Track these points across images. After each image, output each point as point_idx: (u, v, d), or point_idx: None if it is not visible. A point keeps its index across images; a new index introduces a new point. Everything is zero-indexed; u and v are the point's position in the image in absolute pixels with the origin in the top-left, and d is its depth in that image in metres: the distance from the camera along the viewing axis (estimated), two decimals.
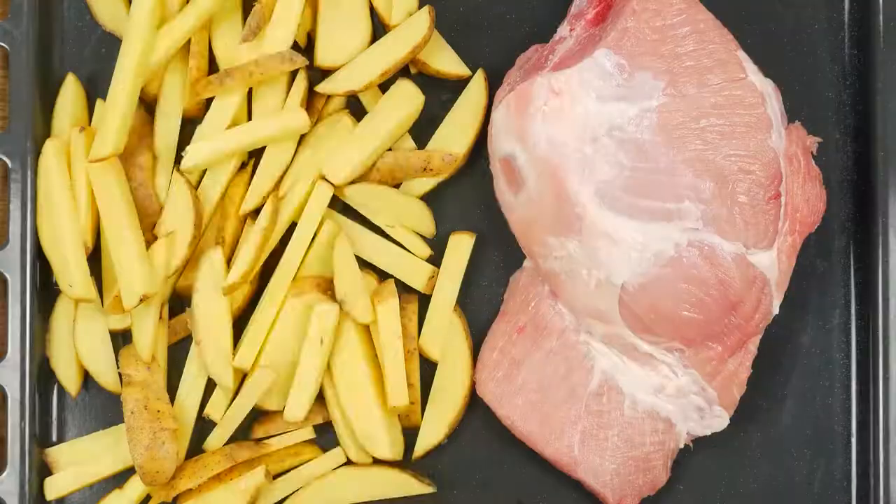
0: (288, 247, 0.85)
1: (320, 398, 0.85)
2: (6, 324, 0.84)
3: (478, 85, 0.87)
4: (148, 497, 0.85)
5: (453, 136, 0.87)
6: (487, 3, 0.89)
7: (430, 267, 0.87)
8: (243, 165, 0.87)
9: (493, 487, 0.87)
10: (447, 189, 0.88)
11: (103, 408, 0.87)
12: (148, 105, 0.87)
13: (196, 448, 0.86)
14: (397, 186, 0.87)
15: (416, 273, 0.86)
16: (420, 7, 0.86)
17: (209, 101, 0.86)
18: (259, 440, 0.86)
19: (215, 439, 0.85)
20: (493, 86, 0.87)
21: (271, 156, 0.85)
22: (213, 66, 0.87)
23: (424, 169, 0.86)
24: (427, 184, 0.87)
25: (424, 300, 0.87)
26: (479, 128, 0.87)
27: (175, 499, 0.85)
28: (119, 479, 0.86)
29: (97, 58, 0.89)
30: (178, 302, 0.87)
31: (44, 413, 0.86)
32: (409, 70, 0.88)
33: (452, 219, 0.88)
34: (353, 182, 0.85)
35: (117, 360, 0.85)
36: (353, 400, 0.84)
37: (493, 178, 0.84)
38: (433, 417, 0.86)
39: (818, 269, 0.89)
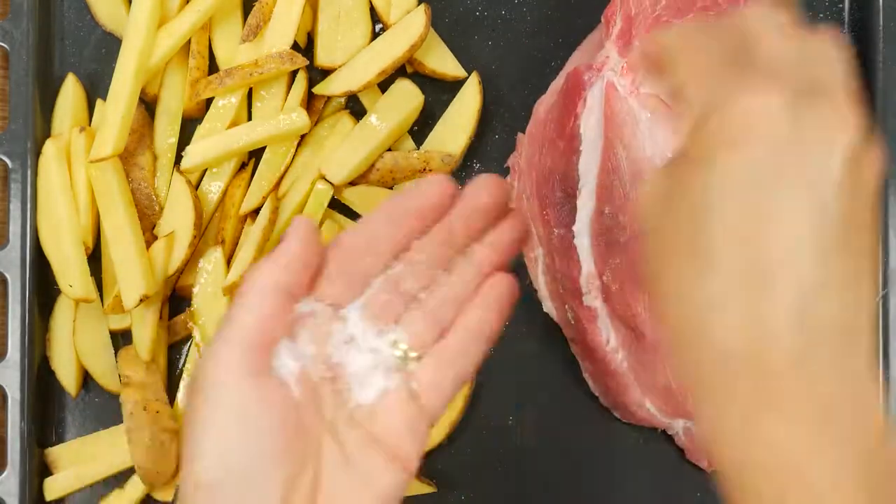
0: None
1: None
2: (6, 324, 0.84)
3: (472, 88, 0.87)
4: (148, 497, 0.85)
5: (448, 138, 0.87)
6: (487, 3, 0.89)
7: None
8: (243, 165, 0.87)
9: (493, 487, 0.87)
10: None
11: (103, 408, 0.87)
12: (148, 105, 0.87)
13: None
14: (392, 187, 0.87)
15: None
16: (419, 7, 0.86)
17: (209, 101, 0.86)
18: None
19: None
20: (489, 87, 0.87)
21: (271, 156, 0.85)
22: (213, 66, 0.87)
23: (423, 170, 0.86)
24: None
25: None
26: (472, 130, 0.87)
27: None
28: (119, 479, 0.86)
29: (97, 58, 0.89)
30: (178, 302, 0.87)
31: (44, 413, 0.86)
32: (406, 70, 0.88)
33: None
34: (352, 183, 0.85)
35: (117, 360, 0.85)
36: None
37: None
38: None
39: None
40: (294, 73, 0.86)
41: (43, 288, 0.86)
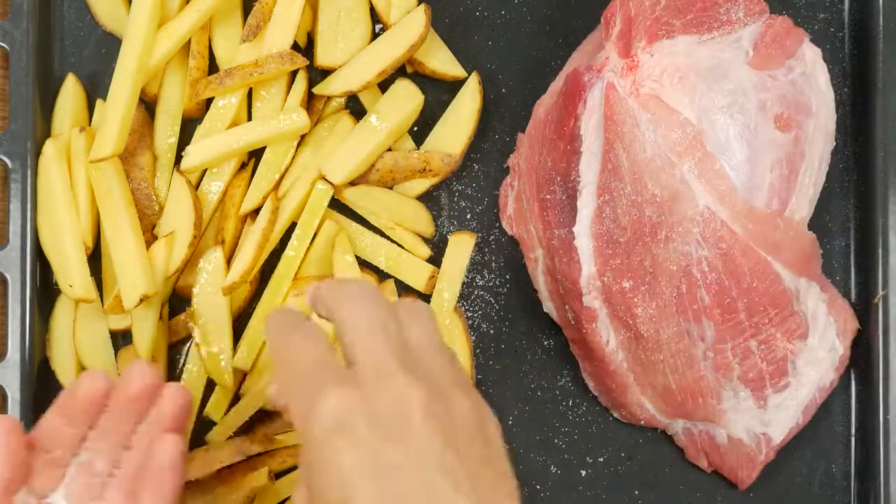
0: (288, 247, 0.85)
1: None
2: (6, 324, 0.84)
3: (472, 88, 0.87)
4: None
5: (448, 138, 0.87)
6: (487, 3, 0.89)
7: (430, 267, 0.87)
8: (243, 165, 0.87)
9: None
10: (443, 190, 0.88)
11: None
12: (148, 105, 0.87)
13: (196, 447, 0.86)
14: (391, 187, 0.87)
15: (416, 273, 0.86)
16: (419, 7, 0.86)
17: (209, 101, 0.86)
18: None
19: (216, 437, 0.85)
20: (489, 87, 0.87)
21: (271, 156, 0.85)
22: (213, 66, 0.87)
23: (423, 170, 0.86)
24: (422, 184, 0.87)
25: (424, 300, 0.87)
26: (472, 130, 0.87)
27: None
28: None
29: (97, 58, 0.89)
30: (178, 302, 0.87)
31: (44, 413, 0.86)
32: (406, 70, 0.88)
33: (451, 219, 0.88)
34: (352, 183, 0.85)
35: (117, 360, 0.85)
36: None
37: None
38: None
39: None
40: (294, 73, 0.86)
41: (43, 288, 0.86)
